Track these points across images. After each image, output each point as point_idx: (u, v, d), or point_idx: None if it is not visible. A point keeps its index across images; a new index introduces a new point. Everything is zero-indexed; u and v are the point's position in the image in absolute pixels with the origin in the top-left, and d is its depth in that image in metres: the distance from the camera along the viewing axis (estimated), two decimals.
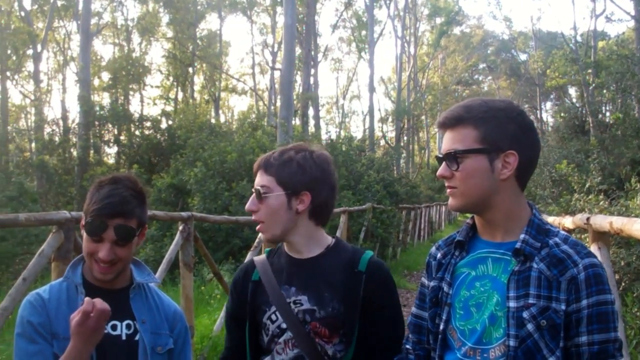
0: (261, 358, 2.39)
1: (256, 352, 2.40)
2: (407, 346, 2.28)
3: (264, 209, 2.33)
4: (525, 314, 1.86)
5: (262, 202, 2.33)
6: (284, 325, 2.30)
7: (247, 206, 2.36)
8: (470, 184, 1.97)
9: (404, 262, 17.86)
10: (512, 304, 1.89)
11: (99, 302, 2.00)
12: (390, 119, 55.08)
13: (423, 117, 57.54)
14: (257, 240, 8.58)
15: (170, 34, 44.16)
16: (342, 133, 46.50)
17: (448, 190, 2.05)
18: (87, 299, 2.01)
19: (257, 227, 2.37)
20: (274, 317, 2.33)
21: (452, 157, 1.99)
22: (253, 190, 2.36)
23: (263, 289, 2.38)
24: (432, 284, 2.16)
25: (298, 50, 33.54)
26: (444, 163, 2.03)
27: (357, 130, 63.88)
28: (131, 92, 39.24)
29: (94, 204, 2.20)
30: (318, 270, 2.33)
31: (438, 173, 2.06)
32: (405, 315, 2.38)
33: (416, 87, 53.95)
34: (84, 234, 2.23)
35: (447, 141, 2.03)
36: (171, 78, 44.46)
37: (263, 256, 2.50)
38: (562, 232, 1.99)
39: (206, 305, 9.66)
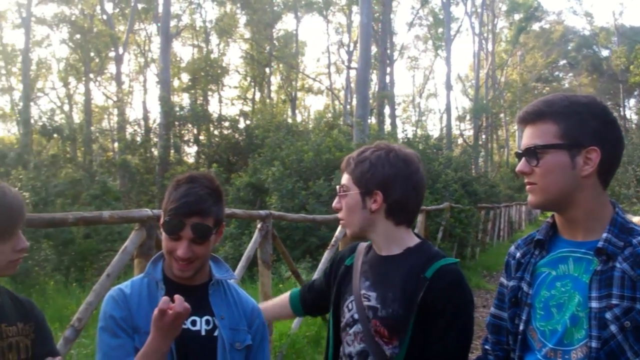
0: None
1: (337, 332, 2.46)
2: (487, 347, 2.24)
3: (343, 207, 2.41)
4: (608, 315, 1.81)
5: (342, 201, 2.41)
6: (356, 316, 2.33)
7: (333, 204, 2.44)
8: (550, 180, 1.93)
9: (483, 262, 17.63)
10: (594, 304, 1.84)
11: (179, 302, 2.02)
12: (468, 117, 54.33)
13: (502, 115, 56.49)
14: (333, 238, 8.60)
15: (247, 35, 44.74)
16: (419, 132, 46.21)
17: (527, 187, 2.01)
18: (164, 297, 2.04)
19: (340, 223, 2.40)
20: (350, 306, 2.37)
21: (532, 153, 1.95)
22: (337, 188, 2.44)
23: (350, 277, 2.43)
24: (511, 283, 2.12)
25: (374, 49, 33.45)
26: (523, 159, 2.00)
27: (434, 129, 63.45)
28: (210, 93, 39.85)
29: (171, 203, 2.23)
30: (390, 270, 2.33)
31: (517, 169, 2.03)
32: (486, 315, 2.33)
33: (494, 84, 53.11)
34: (163, 232, 2.26)
35: (527, 136, 2.00)
36: (249, 78, 45.01)
37: (363, 246, 2.54)
38: None
39: None
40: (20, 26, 38.32)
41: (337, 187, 2.42)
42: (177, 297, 2.04)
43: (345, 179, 2.40)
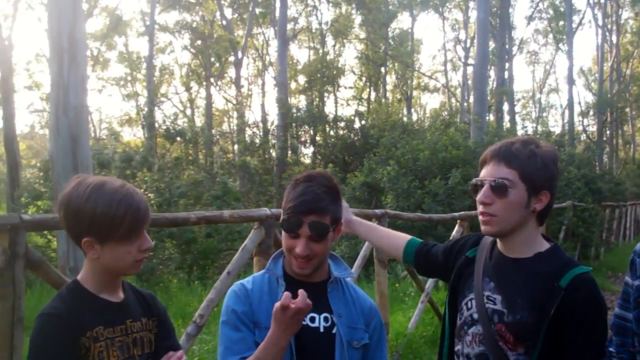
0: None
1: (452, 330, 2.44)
2: (611, 349, 2.16)
3: (500, 204, 2.26)
4: None
5: (500, 196, 2.25)
6: (475, 316, 2.29)
7: (480, 197, 2.28)
8: None
9: (608, 262, 17.01)
10: None
11: (301, 298, 2.06)
12: (591, 112, 52.30)
13: (627, 110, 54.07)
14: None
15: (362, 35, 44.78)
16: (540, 128, 44.92)
17: None
18: (286, 293, 2.07)
19: (483, 219, 2.29)
20: (469, 305, 2.33)
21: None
22: (482, 181, 2.30)
23: (471, 270, 2.38)
24: (637, 283, 2.04)
25: (492, 45, 32.74)
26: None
27: (555, 125, 61.36)
28: (326, 94, 40.16)
29: (289, 202, 2.28)
30: (520, 274, 2.26)
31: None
32: (611, 317, 2.25)
33: (619, 77, 50.86)
34: (282, 230, 2.32)
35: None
36: (364, 78, 45.05)
37: (489, 240, 2.45)
38: None
39: (400, 303, 9.71)
40: (144, 34, 39.84)
41: (492, 179, 2.27)
42: (300, 292, 2.08)
43: (507, 172, 2.24)
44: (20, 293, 3.14)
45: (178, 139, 27.28)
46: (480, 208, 2.29)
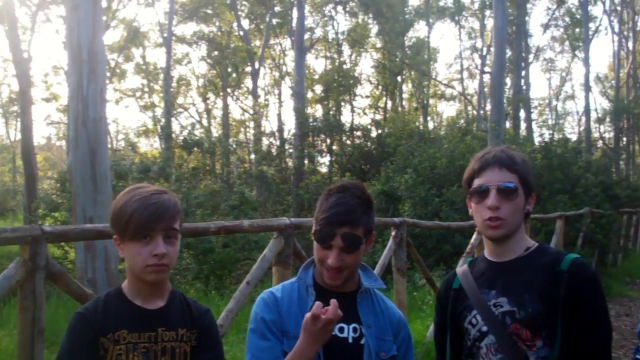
0: None
1: (457, 358, 2.43)
2: (638, 356, 2.18)
3: (509, 207, 2.33)
4: None
5: (508, 200, 2.33)
6: (484, 329, 2.31)
7: (491, 202, 2.32)
8: None
9: (626, 269, 16.89)
10: None
11: (333, 309, 2.07)
12: (608, 119, 51.95)
13: None
14: (469, 246, 8.49)
15: (379, 44, 44.82)
16: (556, 135, 44.66)
17: None
18: (317, 303, 2.08)
19: (492, 224, 2.33)
20: (474, 321, 2.35)
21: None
22: (488, 186, 2.34)
23: (464, 295, 2.41)
24: None
25: (508, 53, 32.68)
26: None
27: (572, 132, 61.01)
28: (342, 103, 40.14)
29: (322, 213, 2.28)
30: (518, 272, 2.32)
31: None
32: (629, 324, 2.27)
33: (636, 84, 50.47)
34: (315, 242, 2.31)
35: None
36: (380, 87, 45.03)
37: (465, 266, 2.52)
38: None
39: (418, 311, 9.69)
40: (161, 45, 40.08)
41: (501, 184, 2.33)
42: (332, 302, 2.09)
43: (511, 177, 2.34)
44: (41, 304, 3.18)
45: (195, 149, 27.34)
46: (488, 213, 2.32)
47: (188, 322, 2.24)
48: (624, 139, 48.14)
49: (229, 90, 43.86)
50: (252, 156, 33.62)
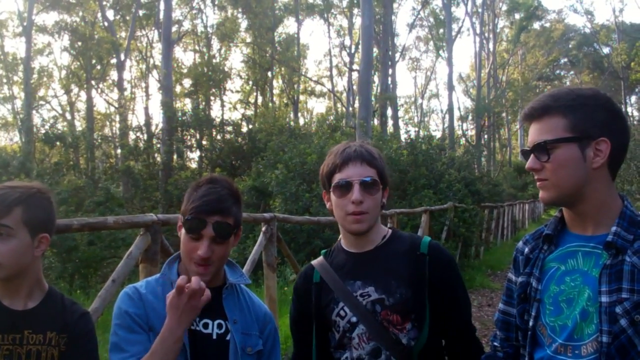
0: (334, 352, 2.40)
1: (323, 351, 2.42)
2: (495, 343, 2.25)
3: (371, 201, 2.37)
4: (618, 309, 1.79)
5: (368, 194, 2.35)
6: (354, 320, 2.32)
7: (355, 196, 2.31)
8: (563, 175, 1.91)
9: (487, 261, 17.59)
10: (604, 298, 1.82)
11: (195, 280, 2.04)
12: (470, 117, 54.24)
13: (504, 114, 56.46)
14: (338, 240, 8.59)
15: (249, 39, 44.76)
16: (422, 132, 46.10)
17: (538, 183, 2.00)
18: (182, 276, 2.05)
19: (358, 217, 2.34)
20: (342, 313, 2.35)
21: (542, 148, 1.94)
22: (353, 181, 2.33)
23: (327, 288, 2.41)
24: (520, 279, 2.11)
25: (375, 51, 33.39)
26: (532, 156, 1.98)
27: (436, 129, 63.32)
28: (212, 98, 39.86)
29: (192, 203, 2.24)
30: (380, 260, 2.37)
31: (527, 166, 2.01)
32: (491, 314, 2.35)
33: (496, 84, 53.13)
34: (183, 234, 2.26)
35: (535, 132, 1.98)
36: (250, 82, 45.01)
37: (320, 258, 2.53)
38: None
39: (289, 306, 9.70)
40: (21, 35, 38.37)
41: (359, 179, 2.33)
42: (194, 277, 2.06)
43: (371, 171, 2.37)
44: None
45: (58, 143, 26.45)
46: (352, 207, 2.33)
47: (58, 325, 2.14)
48: (485, 136, 50.44)
49: (93, 82, 42.49)
50: (119, 151, 32.78)
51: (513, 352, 2.17)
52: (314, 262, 2.54)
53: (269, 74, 44.03)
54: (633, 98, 58.29)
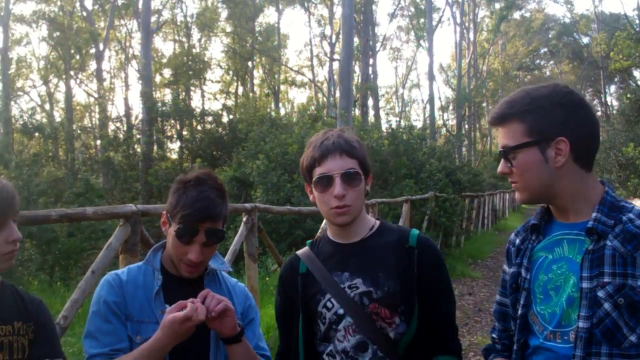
0: (319, 345, 2.39)
1: (309, 343, 2.41)
2: (494, 335, 2.28)
3: (353, 193, 2.36)
4: (600, 293, 1.82)
5: (351, 186, 2.33)
6: (340, 312, 2.31)
7: (337, 191, 2.29)
8: (528, 178, 1.98)
9: (468, 250, 17.69)
10: (585, 284, 1.86)
11: (202, 312, 2.07)
12: (450, 107, 54.50)
13: (484, 104, 56.77)
14: (320, 231, 8.59)
15: (229, 28, 44.58)
16: (403, 122, 46.26)
17: (512, 185, 2.07)
18: (191, 305, 2.07)
19: (341, 211, 2.33)
20: (329, 305, 2.34)
21: (505, 155, 2.01)
22: (334, 175, 2.31)
23: (313, 279, 2.39)
24: (511, 270, 2.16)
25: (356, 41, 33.43)
26: (502, 160, 2.04)
27: (417, 119, 63.74)
28: (192, 88, 39.68)
29: (183, 209, 2.23)
30: (368, 252, 2.35)
31: (498, 170, 2.08)
32: (472, 303, 2.37)
33: (477, 73, 53.32)
34: (172, 236, 2.27)
35: (500, 138, 2.05)
36: (231, 72, 44.87)
37: (306, 248, 2.52)
38: (638, 207, 1.94)
39: (271, 296, 9.70)
40: None
41: (339, 172, 2.32)
42: (200, 307, 2.07)
43: (351, 162, 2.35)
44: None
45: (36, 134, 26.24)
46: (335, 202, 2.30)
47: (22, 315, 2.12)
48: (466, 126, 50.69)
49: (72, 73, 42.06)
50: (98, 142, 32.54)
51: (510, 343, 2.19)
52: (299, 252, 2.52)
53: (250, 63, 43.92)
54: (612, 87, 58.71)
